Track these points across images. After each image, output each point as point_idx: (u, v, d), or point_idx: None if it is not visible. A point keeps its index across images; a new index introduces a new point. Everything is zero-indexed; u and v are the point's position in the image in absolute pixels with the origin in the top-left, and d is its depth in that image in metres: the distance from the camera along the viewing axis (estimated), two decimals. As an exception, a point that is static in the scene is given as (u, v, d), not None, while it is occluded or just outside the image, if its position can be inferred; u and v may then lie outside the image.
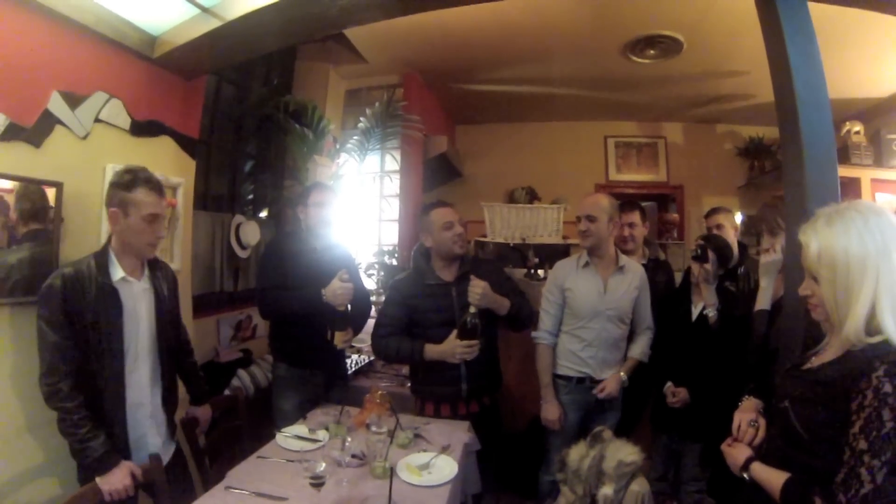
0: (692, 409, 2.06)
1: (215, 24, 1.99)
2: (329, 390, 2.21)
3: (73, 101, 1.81)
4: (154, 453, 1.57)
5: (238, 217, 3.10)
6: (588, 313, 2.09)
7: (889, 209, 1.04)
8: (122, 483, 1.42)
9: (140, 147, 2.12)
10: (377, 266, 3.73)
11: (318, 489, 1.34)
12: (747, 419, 1.24)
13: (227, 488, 1.43)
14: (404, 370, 2.84)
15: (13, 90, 1.62)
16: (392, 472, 1.41)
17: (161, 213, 1.61)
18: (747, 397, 1.35)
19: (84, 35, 1.85)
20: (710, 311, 2.05)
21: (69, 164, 1.80)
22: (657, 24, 3.10)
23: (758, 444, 1.20)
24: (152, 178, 1.58)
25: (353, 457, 1.59)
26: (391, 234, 4.20)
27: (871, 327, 0.96)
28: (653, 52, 3.42)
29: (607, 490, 1.53)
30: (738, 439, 1.23)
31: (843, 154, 3.51)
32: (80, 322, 1.48)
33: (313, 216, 2.22)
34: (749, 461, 1.13)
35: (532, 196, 4.13)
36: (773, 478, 1.05)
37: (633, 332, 2.18)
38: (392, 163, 4.20)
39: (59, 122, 1.76)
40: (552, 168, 4.97)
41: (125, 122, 2.04)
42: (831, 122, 1.65)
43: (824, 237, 1.02)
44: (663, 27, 3.12)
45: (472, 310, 1.86)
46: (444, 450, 1.70)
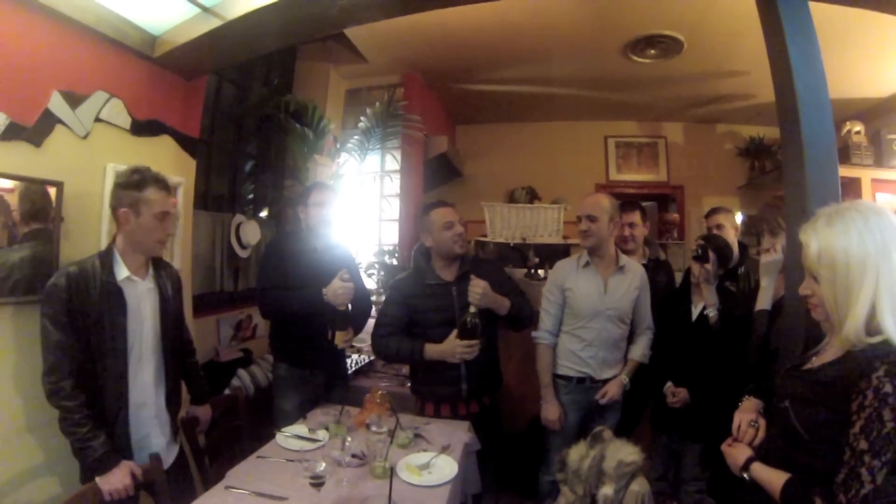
0: (692, 409, 2.06)
1: (216, 23, 1.99)
2: (329, 390, 2.21)
3: (74, 100, 1.81)
4: (154, 453, 1.57)
5: (238, 217, 3.10)
6: (588, 313, 2.09)
7: (889, 209, 1.04)
8: (122, 483, 1.42)
9: (140, 146, 2.13)
10: (377, 266, 3.73)
11: (318, 489, 1.34)
12: (747, 419, 1.24)
13: (227, 488, 1.43)
14: (404, 370, 2.84)
15: (14, 90, 1.62)
16: (392, 472, 1.41)
17: (170, 211, 1.64)
18: (747, 397, 1.34)
19: (84, 34, 1.85)
20: (711, 311, 2.05)
21: (69, 163, 1.80)
22: (657, 24, 3.10)
23: (758, 444, 1.20)
24: (160, 177, 1.61)
25: (353, 457, 1.59)
26: (391, 234, 4.19)
27: (872, 327, 0.96)
28: (653, 52, 3.41)
29: (607, 490, 1.53)
30: (739, 439, 1.23)
31: (844, 154, 3.51)
32: (83, 321, 1.49)
33: (314, 216, 2.22)
34: (749, 461, 1.13)
35: (532, 196, 4.14)
36: (773, 478, 1.05)
37: (633, 332, 2.18)
38: (392, 162, 4.19)
39: (60, 122, 1.76)
40: (552, 168, 4.98)
41: (125, 121, 2.05)
42: (832, 122, 1.65)
43: (824, 237, 1.02)
44: (664, 27, 3.12)
45: (473, 309, 1.86)
46: (444, 450, 1.70)
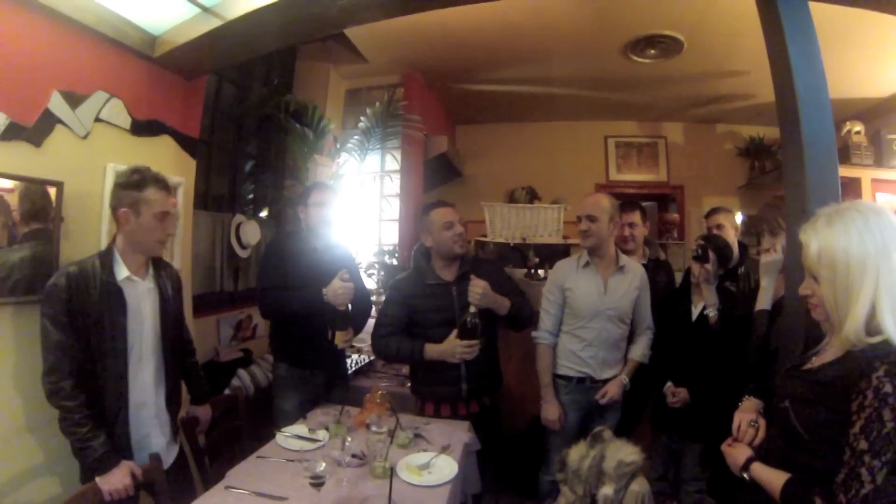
0: (692, 409, 2.06)
1: (216, 23, 1.99)
2: (329, 390, 2.21)
3: (74, 100, 1.81)
4: (154, 453, 1.57)
5: (238, 217, 3.09)
6: (588, 313, 2.09)
7: (889, 209, 1.04)
8: (122, 483, 1.42)
9: (140, 146, 2.12)
10: (377, 266, 3.73)
11: (318, 489, 1.34)
12: (747, 419, 1.24)
13: (227, 488, 1.43)
14: (404, 370, 2.83)
15: (14, 90, 1.62)
16: (392, 472, 1.41)
17: (170, 211, 1.64)
18: (747, 397, 1.34)
19: (84, 35, 1.85)
20: (711, 311, 2.04)
21: (69, 163, 1.80)
22: (657, 24, 3.10)
23: (758, 444, 1.20)
24: (160, 177, 1.61)
25: (353, 457, 1.59)
26: (391, 234, 4.19)
27: (872, 327, 0.96)
28: (653, 52, 3.41)
29: (607, 490, 1.53)
30: (739, 439, 1.23)
31: (844, 154, 3.51)
32: (83, 321, 1.49)
33: (314, 216, 2.22)
34: (749, 461, 1.13)
35: (532, 196, 4.14)
36: (773, 478, 1.05)
37: (633, 332, 2.18)
38: (392, 162, 4.19)
39: (60, 122, 1.76)
40: (552, 168, 4.98)
41: (125, 121, 2.05)
42: (832, 122, 1.65)
43: (824, 237, 1.02)
44: (663, 27, 3.12)
45: (473, 309, 1.86)
46: (444, 450, 1.70)
